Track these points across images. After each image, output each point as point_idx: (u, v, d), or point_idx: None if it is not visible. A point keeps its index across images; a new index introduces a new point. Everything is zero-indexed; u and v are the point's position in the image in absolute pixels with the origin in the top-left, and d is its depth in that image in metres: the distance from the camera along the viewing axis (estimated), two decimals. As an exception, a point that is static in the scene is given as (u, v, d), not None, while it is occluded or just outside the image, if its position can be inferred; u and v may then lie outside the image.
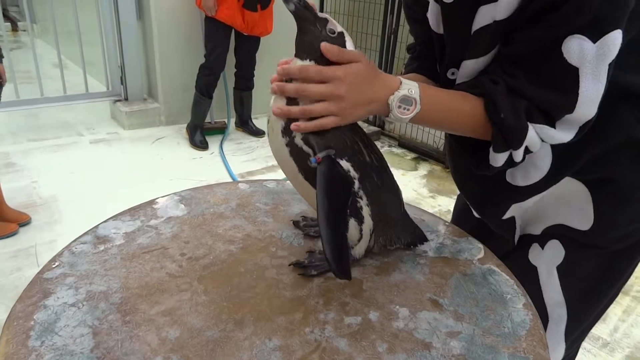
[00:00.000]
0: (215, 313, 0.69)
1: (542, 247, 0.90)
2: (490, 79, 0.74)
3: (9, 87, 3.54)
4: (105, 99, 4.07)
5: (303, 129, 0.71)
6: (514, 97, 0.71)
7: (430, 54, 0.91)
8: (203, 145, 3.62)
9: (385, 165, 0.79)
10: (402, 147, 3.94)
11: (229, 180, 3.03)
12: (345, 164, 0.72)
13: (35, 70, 3.70)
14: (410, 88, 0.71)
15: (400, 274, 0.81)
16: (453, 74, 0.83)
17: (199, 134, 3.66)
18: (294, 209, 1.00)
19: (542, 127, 0.71)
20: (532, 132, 0.72)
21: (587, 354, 1.89)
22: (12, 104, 3.64)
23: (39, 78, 3.70)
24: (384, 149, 3.91)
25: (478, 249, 0.89)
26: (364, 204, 0.75)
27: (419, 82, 0.74)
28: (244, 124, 3.98)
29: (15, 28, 7.64)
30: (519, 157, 0.74)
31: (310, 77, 0.68)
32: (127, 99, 4.03)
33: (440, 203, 3.05)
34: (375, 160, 0.76)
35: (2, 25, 3.62)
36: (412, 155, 3.80)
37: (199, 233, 0.89)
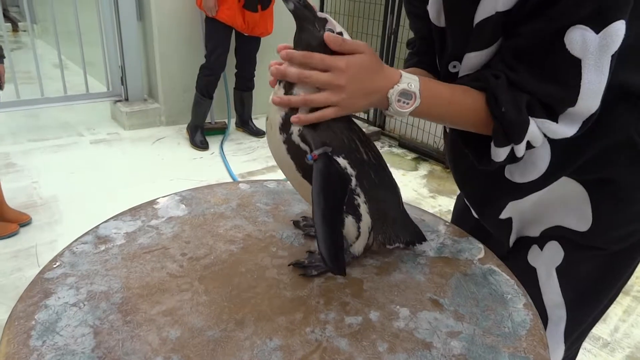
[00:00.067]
0: (216, 313, 0.69)
1: (541, 248, 0.90)
2: (492, 73, 0.73)
3: (10, 87, 3.55)
4: (106, 100, 4.08)
5: (303, 121, 0.71)
6: (515, 91, 0.71)
7: (430, 49, 0.90)
8: (203, 146, 3.63)
9: (383, 163, 0.79)
10: (402, 147, 3.95)
11: (230, 181, 3.04)
12: (342, 161, 0.72)
13: (36, 71, 3.71)
14: (410, 82, 0.71)
15: (401, 274, 0.81)
16: (454, 67, 0.83)
17: (200, 134, 3.66)
18: (295, 209, 1.00)
19: (543, 121, 0.71)
20: (533, 126, 0.71)
21: (587, 354, 1.89)
22: (12, 104, 3.65)
23: (40, 78, 3.71)
24: (384, 149, 3.91)
25: (478, 249, 0.89)
26: (362, 202, 0.75)
27: (420, 75, 0.74)
28: (245, 124, 3.98)
29: (16, 28, 7.65)
30: (521, 152, 0.74)
31: (313, 64, 0.68)
32: (127, 100, 4.04)
33: (441, 203, 3.05)
34: (373, 158, 0.76)
35: (2, 26, 3.62)
36: (412, 156, 3.81)
37: (200, 233, 0.89)
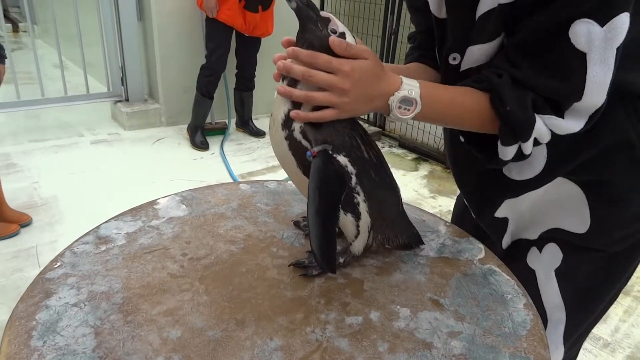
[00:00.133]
0: (217, 313, 0.69)
1: (540, 250, 0.90)
2: (495, 72, 0.73)
3: (10, 88, 3.56)
4: (106, 100, 4.08)
5: (302, 118, 0.71)
6: (520, 88, 0.70)
7: (431, 43, 0.90)
8: (204, 146, 3.63)
9: (384, 163, 0.79)
10: (402, 147, 3.95)
11: (230, 181, 3.04)
12: (343, 159, 0.72)
13: (36, 71, 3.71)
14: (411, 89, 0.71)
15: (401, 274, 0.81)
16: (454, 59, 0.82)
17: (200, 135, 3.66)
18: (295, 210, 1.00)
19: (549, 117, 0.70)
20: (539, 123, 0.70)
21: (587, 354, 1.89)
22: (13, 105, 3.65)
23: (40, 79, 3.71)
24: (385, 150, 3.91)
25: (479, 249, 0.89)
26: (361, 200, 0.75)
27: (421, 79, 0.74)
28: (245, 125, 3.98)
29: (16, 29, 7.66)
30: (529, 149, 0.73)
31: (319, 64, 0.68)
32: (127, 100, 4.04)
33: (441, 203, 3.05)
34: (374, 157, 0.76)
35: (3, 26, 3.63)
36: (412, 156, 3.81)
37: (200, 233, 0.89)
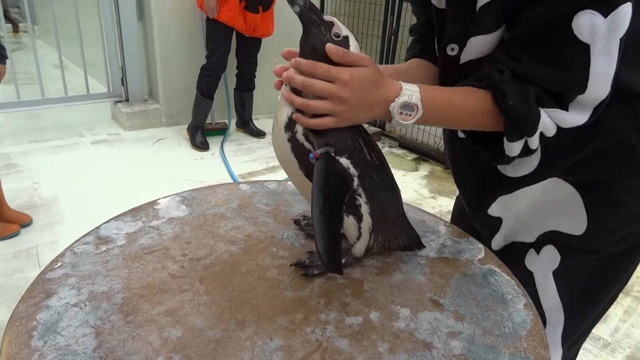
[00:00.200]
0: (217, 313, 0.69)
1: (537, 252, 0.90)
2: (496, 69, 0.73)
3: (10, 88, 3.56)
4: (106, 100, 4.08)
5: (302, 123, 0.71)
6: (522, 83, 0.70)
7: (432, 36, 0.89)
8: (204, 146, 3.63)
9: (386, 165, 0.79)
10: (402, 147, 3.95)
11: (230, 181, 3.04)
12: (345, 161, 0.72)
13: (36, 72, 3.71)
14: (411, 94, 0.71)
15: (401, 275, 0.81)
16: (452, 50, 0.82)
17: (200, 135, 3.66)
18: (295, 210, 1.00)
19: (554, 110, 0.70)
20: (544, 117, 0.70)
21: (588, 355, 1.89)
22: (13, 105, 3.65)
23: (40, 79, 3.71)
24: (385, 150, 3.91)
25: (478, 250, 0.89)
26: (363, 202, 0.75)
27: (422, 76, 0.73)
28: (245, 125, 3.98)
29: (17, 29, 7.66)
30: (535, 144, 0.73)
31: (318, 74, 0.68)
32: (127, 100, 4.04)
33: (441, 204, 3.05)
34: (376, 159, 0.76)
35: (3, 27, 3.63)
36: (412, 156, 3.81)
37: (201, 234, 0.89)
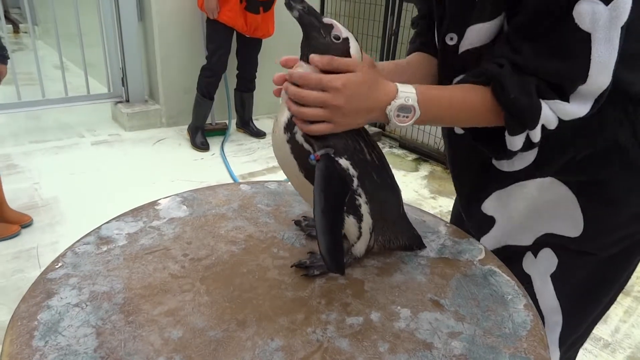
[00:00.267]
0: (218, 313, 0.69)
1: (535, 255, 0.90)
2: (494, 62, 0.72)
3: (11, 89, 3.56)
4: (107, 101, 4.08)
5: (300, 128, 0.72)
6: (522, 75, 0.69)
7: (433, 28, 0.89)
8: (204, 147, 3.63)
9: (386, 165, 0.79)
10: (403, 148, 3.95)
11: (230, 182, 3.04)
12: (345, 162, 0.72)
13: (37, 72, 3.71)
14: (408, 96, 0.70)
15: (402, 275, 0.81)
16: (452, 39, 0.82)
17: (200, 135, 3.66)
18: (296, 210, 1.00)
19: (555, 102, 0.69)
20: (546, 109, 0.69)
21: (588, 355, 1.89)
22: (13, 106, 3.65)
23: (41, 80, 3.71)
24: (385, 150, 3.91)
25: (479, 250, 0.89)
26: (363, 202, 0.75)
27: (423, 71, 0.73)
28: (245, 125, 3.98)
29: (17, 30, 7.66)
30: (537, 136, 0.72)
31: (309, 85, 0.68)
32: (128, 101, 4.04)
33: (441, 204, 3.05)
34: (376, 159, 0.76)
35: (3, 27, 3.63)
36: (413, 156, 3.81)
37: (201, 234, 0.90)
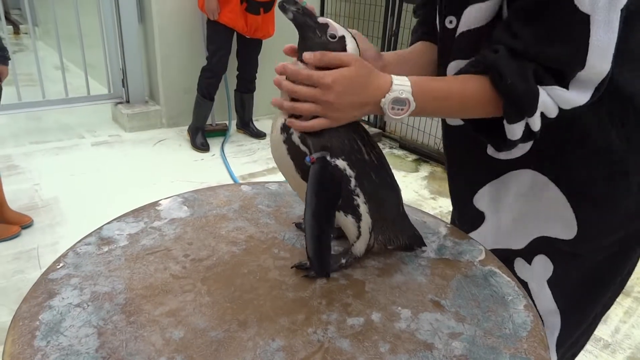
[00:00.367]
0: (219, 314, 0.70)
1: (529, 263, 0.90)
2: (491, 49, 0.72)
3: (11, 89, 3.56)
4: (107, 102, 4.08)
5: (296, 127, 0.72)
6: (520, 60, 0.69)
7: (434, 14, 0.89)
8: (204, 147, 3.63)
9: (385, 164, 0.79)
10: (403, 148, 3.95)
11: (230, 182, 3.04)
12: (342, 163, 0.73)
13: (37, 73, 3.71)
14: (402, 89, 0.70)
15: (402, 276, 0.81)
16: (451, 22, 0.81)
17: (200, 136, 3.66)
18: (296, 211, 1.00)
19: (553, 88, 0.68)
20: (544, 95, 0.69)
21: (588, 355, 1.89)
22: (14, 107, 3.65)
23: (41, 81, 3.71)
24: (385, 151, 3.89)
25: (479, 251, 0.89)
26: (361, 202, 0.75)
27: (425, 60, 0.72)
28: (245, 126, 3.98)
29: (17, 31, 7.66)
30: (537, 125, 0.71)
31: (300, 80, 0.69)
32: (128, 102, 4.04)
33: (442, 204, 3.05)
34: (375, 159, 0.77)
35: (4, 28, 3.63)
36: (413, 157, 3.81)
37: (202, 235, 0.90)
